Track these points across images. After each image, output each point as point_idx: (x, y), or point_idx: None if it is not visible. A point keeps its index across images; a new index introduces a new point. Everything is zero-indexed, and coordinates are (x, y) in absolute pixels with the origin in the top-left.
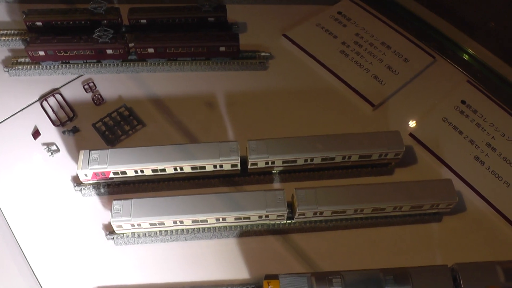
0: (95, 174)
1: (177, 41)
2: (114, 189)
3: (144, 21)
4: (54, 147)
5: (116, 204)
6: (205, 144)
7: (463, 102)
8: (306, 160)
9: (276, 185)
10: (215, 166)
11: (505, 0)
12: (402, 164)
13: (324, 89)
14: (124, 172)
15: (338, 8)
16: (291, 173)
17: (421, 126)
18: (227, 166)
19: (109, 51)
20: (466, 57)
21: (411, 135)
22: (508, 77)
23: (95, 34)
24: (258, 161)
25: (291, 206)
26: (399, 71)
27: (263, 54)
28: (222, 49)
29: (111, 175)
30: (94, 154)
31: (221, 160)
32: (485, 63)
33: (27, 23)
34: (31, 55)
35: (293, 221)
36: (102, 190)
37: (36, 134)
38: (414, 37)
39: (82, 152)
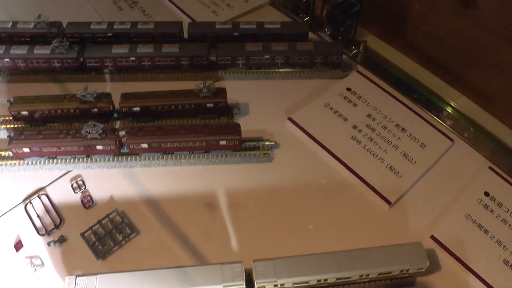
0: None
1: (173, 135)
2: None
3: (138, 108)
4: (38, 261)
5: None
6: (206, 267)
7: (486, 194)
8: (319, 281)
9: None
10: None
11: None
12: (424, 272)
13: (336, 183)
14: None
15: (347, 84)
16: None
17: (442, 225)
18: None
19: (99, 147)
20: (485, 137)
21: (432, 237)
22: None
23: (83, 130)
24: (266, 284)
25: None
26: (416, 159)
27: (267, 143)
28: (223, 142)
29: None
30: (81, 281)
31: (224, 286)
32: (506, 143)
33: (12, 113)
34: (14, 152)
35: None
36: None
37: (18, 245)
38: (426, 111)
39: (67, 279)
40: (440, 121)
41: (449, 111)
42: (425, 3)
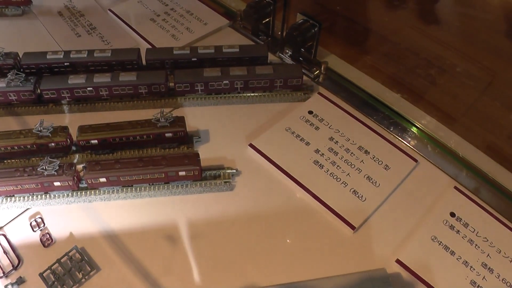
0: None
1: (131, 168)
2: None
3: (95, 141)
4: None
5: None
6: None
7: (452, 214)
8: None
9: None
10: None
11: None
12: None
13: (299, 210)
14: None
15: (309, 106)
16: None
17: (408, 248)
18: None
19: (57, 183)
20: (450, 156)
21: (398, 261)
22: (497, 175)
23: (39, 167)
24: None
25: None
26: (380, 181)
27: (228, 171)
28: (182, 173)
29: None
30: None
31: None
32: (471, 161)
33: None
34: None
35: None
36: None
37: None
38: (390, 131)
39: None
40: (403, 141)
41: (413, 130)
42: (386, 22)
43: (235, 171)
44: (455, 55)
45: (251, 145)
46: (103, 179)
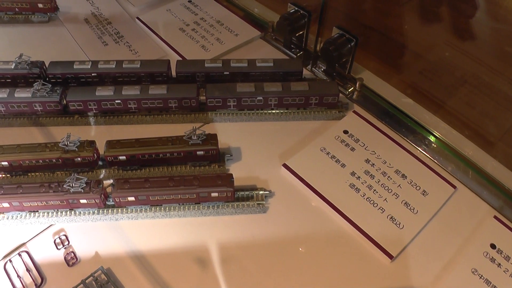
0: None
1: (161, 188)
2: None
3: (124, 157)
4: None
5: None
6: None
7: (492, 246)
8: None
9: None
10: None
11: None
12: None
13: (335, 235)
14: None
15: (344, 126)
16: None
17: (448, 281)
18: None
19: (83, 201)
20: (490, 184)
21: None
22: None
23: (66, 184)
24: None
25: None
26: (418, 208)
27: (261, 193)
28: (215, 194)
29: None
30: None
31: None
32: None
33: None
34: None
35: None
36: None
37: None
38: (426, 154)
39: None
40: (441, 165)
41: (450, 154)
42: (420, 37)
43: (268, 192)
44: (491, 73)
45: (285, 165)
46: (131, 198)
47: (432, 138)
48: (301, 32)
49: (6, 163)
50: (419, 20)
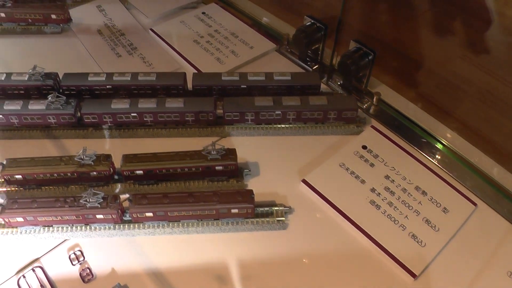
0: None
1: (180, 204)
2: None
3: (141, 172)
4: None
5: None
6: None
7: None
8: None
9: None
10: None
11: None
12: None
13: (356, 253)
14: None
15: (362, 141)
16: None
17: None
18: None
19: (100, 216)
20: (509, 200)
21: None
22: None
23: (82, 199)
24: None
25: None
26: (439, 226)
27: (281, 209)
28: (235, 211)
29: None
30: None
31: None
32: None
33: (5, 177)
34: (7, 221)
35: None
36: None
37: None
38: (446, 170)
39: None
40: (460, 181)
41: (469, 171)
42: (436, 51)
43: (288, 208)
44: (507, 88)
45: (304, 181)
46: (149, 214)
47: (450, 155)
48: (317, 45)
49: (20, 176)
50: (433, 33)
